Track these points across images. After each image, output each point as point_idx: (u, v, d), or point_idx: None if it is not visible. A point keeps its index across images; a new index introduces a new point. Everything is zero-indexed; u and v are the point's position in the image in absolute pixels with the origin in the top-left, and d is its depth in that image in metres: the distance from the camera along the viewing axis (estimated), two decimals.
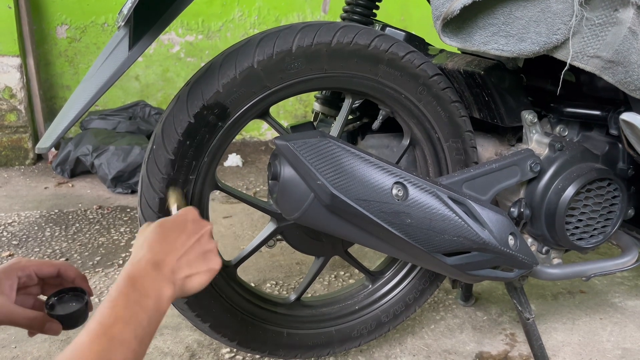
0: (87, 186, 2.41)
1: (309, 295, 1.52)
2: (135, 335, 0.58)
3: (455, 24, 0.91)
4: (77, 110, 0.78)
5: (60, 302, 0.76)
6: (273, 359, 1.16)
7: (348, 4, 1.26)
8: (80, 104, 0.78)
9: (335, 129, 1.07)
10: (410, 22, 3.28)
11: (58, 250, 1.77)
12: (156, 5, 0.81)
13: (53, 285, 0.80)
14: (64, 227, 1.96)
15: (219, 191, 1.03)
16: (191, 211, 0.77)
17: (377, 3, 1.27)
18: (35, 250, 1.77)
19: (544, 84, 1.20)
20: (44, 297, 0.78)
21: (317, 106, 1.29)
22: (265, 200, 1.09)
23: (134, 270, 0.65)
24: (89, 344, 0.55)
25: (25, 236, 1.87)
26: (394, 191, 0.89)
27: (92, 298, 0.78)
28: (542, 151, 1.12)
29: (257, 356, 1.25)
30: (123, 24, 0.79)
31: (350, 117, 1.25)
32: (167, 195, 0.92)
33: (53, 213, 2.08)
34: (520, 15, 0.90)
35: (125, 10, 0.79)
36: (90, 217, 2.06)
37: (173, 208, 0.87)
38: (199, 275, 0.71)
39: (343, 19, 1.27)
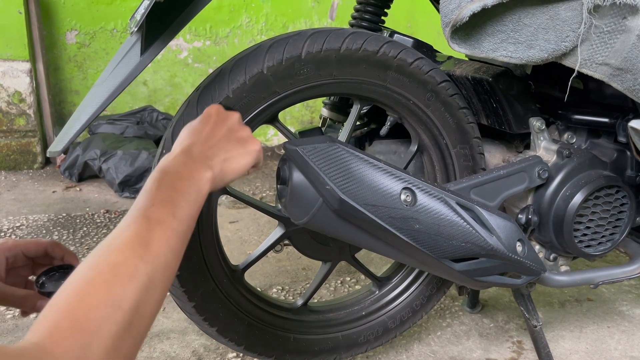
0: (94, 190, 2.42)
1: (316, 300, 1.53)
2: (173, 214, 0.57)
3: (464, 31, 0.92)
4: (88, 115, 0.78)
5: (50, 279, 0.76)
6: None
7: (357, 10, 1.27)
8: (92, 108, 0.79)
9: (343, 134, 1.07)
10: (417, 29, 3.29)
11: None
12: (168, 12, 0.82)
13: (43, 265, 0.79)
14: (71, 230, 1.97)
15: (225, 196, 1.04)
16: (215, 105, 0.76)
17: (385, 10, 1.28)
18: None
19: (551, 91, 1.20)
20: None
21: (325, 112, 1.30)
22: (273, 205, 1.10)
23: (166, 162, 0.64)
24: (126, 227, 0.55)
25: None
26: (403, 197, 0.90)
27: None
28: (550, 158, 1.12)
29: None
30: (136, 29, 0.80)
31: (358, 122, 1.25)
32: None
33: (61, 217, 2.09)
34: (529, 23, 0.90)
35: (137, 16, 0.80)
36: (98, 221, 2.07)
37: None
38: (238, 157, 0.70)
39: (351, 25, 1.28)
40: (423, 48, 1.24)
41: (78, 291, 0.48)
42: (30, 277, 0.80)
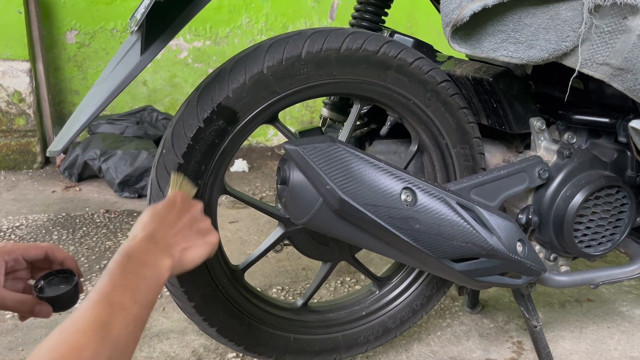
0: (94, 190, 2.42)
1: (315, 300, 1.52)
2: (135, 300, 0.59)
3: (464, 30, 0.92)
4: (88, 114, 0.78)
5: (49, 284, 0.76)
6: None
7: (357, 10, 1.27)
8: (92, 108, 0.79)
9: (343, 134, 1.07)
10: (417, 29, 3.29)
11: None
12: (168, 11, 0.82)
13: (42, 269, 0.80)
14: (71, 230, 1.97)
15: (225, 196, 1.04)
16: (179, 193, 0.79)
17: (385, 10, 1.28)
18: None
19: (552, 91, 1.20)
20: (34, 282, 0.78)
21: (325, 112, 1.30)
22: (273, 205, 1.09)
23: (130, 246, 0.66)
24: (88, 309, 0.56)
25: (32, 239, 1.88)
26: (403, 196, 0.90)
27: (82, 280, 0.79)
28: (551, 158, 1.12)
29: None
30: (136, 28, 0.80)
31: (358, 122, 1.25)
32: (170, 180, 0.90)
33: (60, 217, 2.09)
34: (529, 23, 0.90)
35: (138, 16, 0.80)
36: (97, 221, 2.07)
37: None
38: (196, 248, 0.72)
39: (352, 25, 1.28)
40: (423, 48, 1.24)
41: None
42: (28, 281, 0.80)
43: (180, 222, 0.73)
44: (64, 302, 0.75)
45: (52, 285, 0.76)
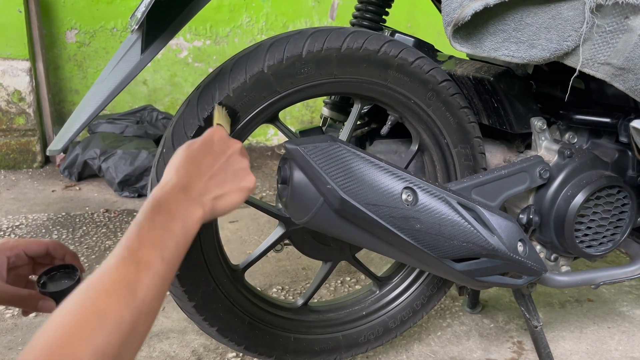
0: (94, 189, 2.42)
1: (316, 300, 1.52)
2: (162, 258, 0.57)
3: (466, 30, 0.91)
4: (89, 113, 0.78)
5: (52, 279, 0.76)
6: None
7: (357, 9, 1.27)
8: (92, 107, 0.79)
9: (343, 134, 1.07)
10: (417, 28, 3.29)
11: None
12: (169, 10, 0.82)
13: (44, 264, 0.79)
14: (71, 230, 1.96)
15: None
16: (218, 130, 0.75)
17: (386, 9, 1.28)
18: None
19: (553, 90, 1.20)
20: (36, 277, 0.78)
21: (325, 111, 1.29)
22: (273, 204, 1.09)
23: (161, 194, 0.63)
24: (114, 268, 0.53)
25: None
26: (404, 196, 0.89)
27: (83, 274, 0.79)
28: (551, 158, 1.12)
29: None
30: (136, 27, 0.80)
31: (358, 122, 1.25)
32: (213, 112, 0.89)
33: (60, 216, 2.09)
34: (531, 22, 0.90)
35: (138, 14, 0.80)
36: (97, 220, 2.07)
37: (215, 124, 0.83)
38: (230, 194, 0.69)
39: (352, 24, 1.27)
40: (424, 47, 1.23)
41: (62, 337, 0.47)
42: (30, 277, 0.80)
43: (215, 166, 0.69)
44: (66, 297, 0.75)
45: (54, 280, 0.76)
